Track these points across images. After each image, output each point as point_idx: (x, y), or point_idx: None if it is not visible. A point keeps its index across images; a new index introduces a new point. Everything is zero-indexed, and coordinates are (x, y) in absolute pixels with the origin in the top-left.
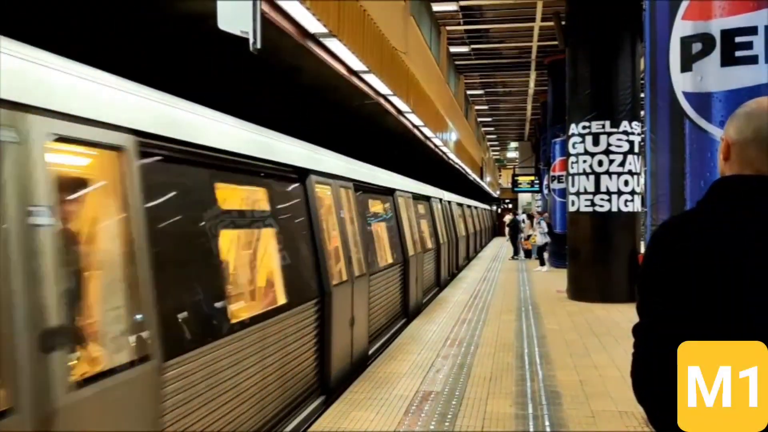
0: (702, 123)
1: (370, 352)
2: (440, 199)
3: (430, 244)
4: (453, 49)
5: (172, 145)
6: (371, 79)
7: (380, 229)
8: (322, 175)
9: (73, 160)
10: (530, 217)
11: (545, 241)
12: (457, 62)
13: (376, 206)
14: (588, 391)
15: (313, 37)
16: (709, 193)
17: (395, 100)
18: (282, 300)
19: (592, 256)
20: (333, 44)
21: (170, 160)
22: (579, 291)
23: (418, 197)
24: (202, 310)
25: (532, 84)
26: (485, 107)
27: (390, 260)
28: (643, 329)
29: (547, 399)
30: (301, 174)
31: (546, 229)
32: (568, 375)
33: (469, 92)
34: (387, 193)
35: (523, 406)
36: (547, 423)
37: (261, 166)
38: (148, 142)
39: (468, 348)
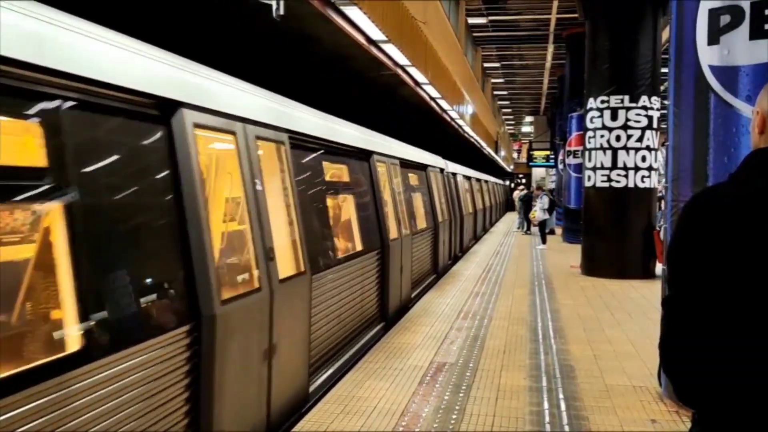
0: (728, 97)
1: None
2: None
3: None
4: (471, 21)
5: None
6: (390, 48)
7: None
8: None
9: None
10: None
11: (544, 218)
12: (474, 34)
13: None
14: (602, 365)
15: (333, 5)
16: (743, 166)
17: (413, 71)
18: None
19: (607, 232)
20: (353, 12)
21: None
22: (593, 266)
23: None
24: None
25: (549, 57)
26: (501, 80)
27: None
28: (675, 302)
29: (560, 372)
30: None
31: (546, 205)
32: (582, 349)
33: (485, 65)
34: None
35: (536, 379)
36: (561, 396)
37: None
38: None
39: (481, 321)
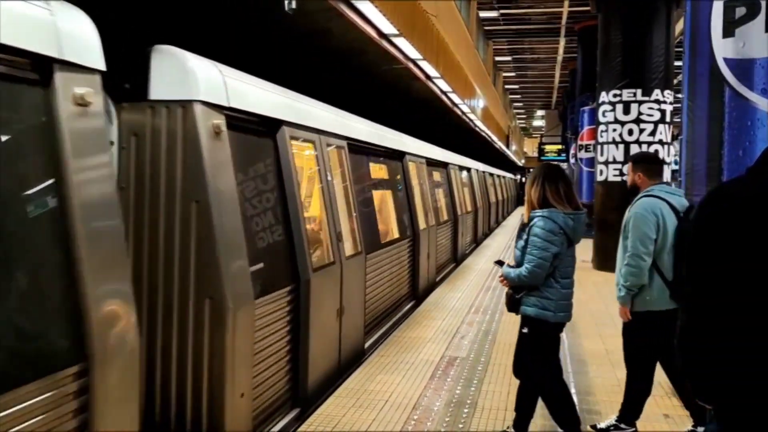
0: (743, 90)
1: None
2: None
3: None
4: (482, 14)
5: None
6: (401, 42)
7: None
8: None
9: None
10: None
11: None
12: (486, 27)
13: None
14: (614, 359)
15: None
16: (760, 161)
17: (424, 64)
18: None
19: (619, 226)
20: (364, 6)
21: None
22: (605, 261)
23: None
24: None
25: (560, 51)
26: (513, 74)
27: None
28: (692, 299)
29: (573, 366)
30: None
31: None
32: (594, 343)
33: (496, 58)
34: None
35: None
36: (573, 390)
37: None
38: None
39: (492, 315)
